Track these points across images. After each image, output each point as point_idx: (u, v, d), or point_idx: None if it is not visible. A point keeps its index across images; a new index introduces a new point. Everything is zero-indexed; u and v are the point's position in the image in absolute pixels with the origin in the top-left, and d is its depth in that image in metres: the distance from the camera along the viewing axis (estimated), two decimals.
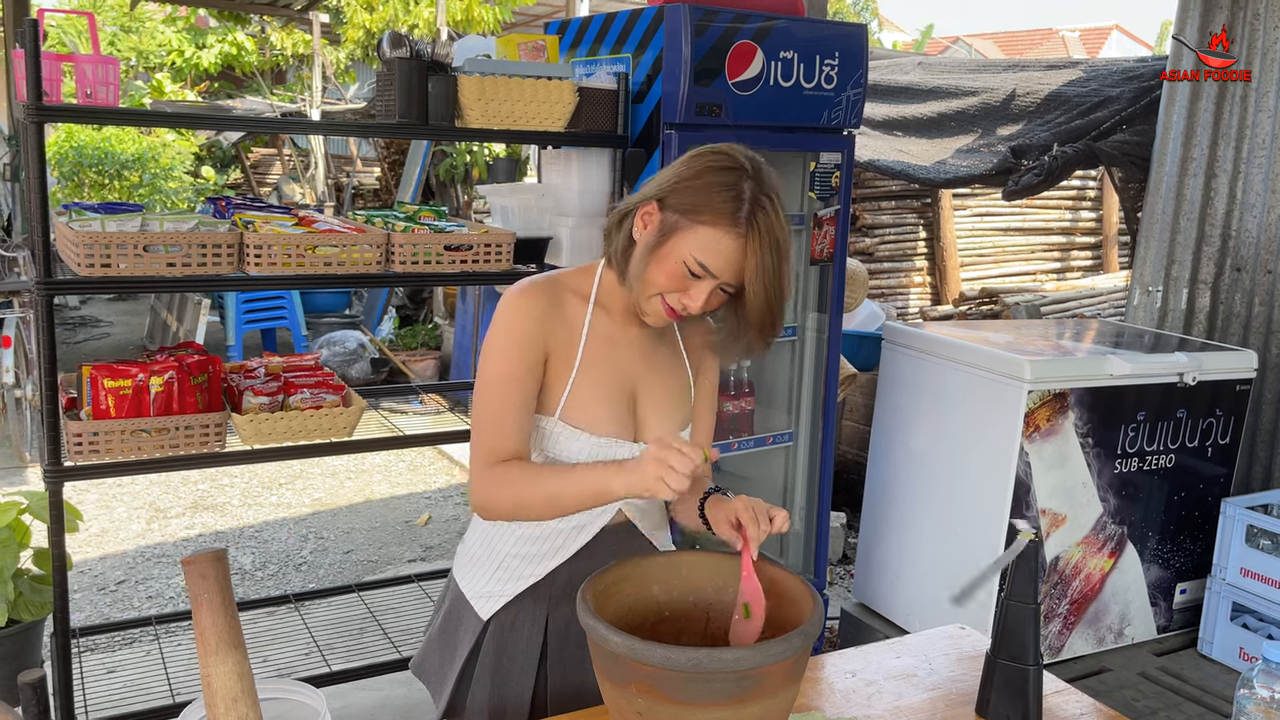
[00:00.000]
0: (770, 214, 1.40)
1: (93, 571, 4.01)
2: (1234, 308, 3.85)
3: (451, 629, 1.64)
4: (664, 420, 1.57)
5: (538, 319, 1.48)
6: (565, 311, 1.52)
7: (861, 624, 3.39)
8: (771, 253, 1.39)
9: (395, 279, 2.61)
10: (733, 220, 1.39)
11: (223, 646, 1.13)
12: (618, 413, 1.53)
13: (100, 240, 2.17)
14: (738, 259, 1.40)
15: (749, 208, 1.39)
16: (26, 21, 2.06)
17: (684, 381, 1.62)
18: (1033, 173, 4.20)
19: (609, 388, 1.53)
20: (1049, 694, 1.58)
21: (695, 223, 1.40)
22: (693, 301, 1.43)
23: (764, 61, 2.71)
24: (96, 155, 8.77)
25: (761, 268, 1.39)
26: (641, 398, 1.56)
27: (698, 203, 1.40)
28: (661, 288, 1.44)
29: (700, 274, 1.41)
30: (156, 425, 2.36)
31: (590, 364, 1.51)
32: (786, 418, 3.24)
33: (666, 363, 1.60)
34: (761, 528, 1.38)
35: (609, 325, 1.55)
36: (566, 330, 1.51)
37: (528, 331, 1.47)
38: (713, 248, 1.40)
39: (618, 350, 1.55)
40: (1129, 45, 23.72)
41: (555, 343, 1.49)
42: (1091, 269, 7.82)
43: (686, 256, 1.41)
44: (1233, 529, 3.11)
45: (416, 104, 2.48)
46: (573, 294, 1.54)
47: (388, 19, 10.63)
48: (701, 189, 1.41)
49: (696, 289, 1.43)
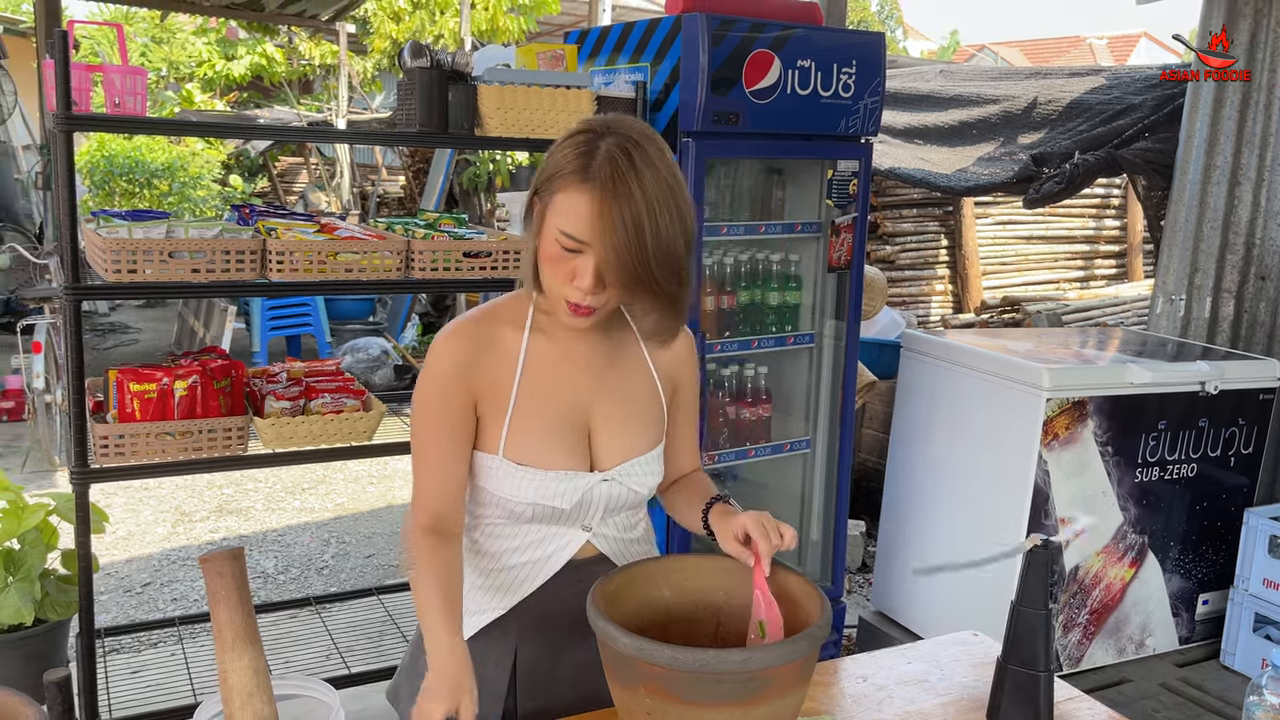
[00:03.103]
0: (622, 162, 1.26)
1: (119, 574, 4.07)
2: (1258, 316, 3.82)
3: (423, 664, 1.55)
4: (624, 443, 1.46)
5: (462, 363, 1.39)
6: (498, 346, 1.42)
7: (880, 632, 3.38)
8: (628, 206, 1.25)
9: (415, 285, 2.64)
10: (581, 174, 1.28)
11: (239, 643, 1.15)
12: (568, 444, 1.43)
13: (127, 246, 2.22)
14: (595, 215, 1.26)
15: (600, 160, 1.27)
16: (57, 33, 2.10)
17: (649, 398, 1.50)
18: (1054, 181, 4.18)
19: (554, 418, 1.43)
20: (1061, 701, 1.58)
21: (554, 193, 1.30)
22: (583, 281, 1.29)
23: (781, 70, 2.72)
24: (127, 164, 8.91)
25: (613, 217, 1.25)
26: (597, 422, 1.46)
27: (553, 172, 1.31)
28: (559, 284, 1.33)
29: (572, 245, 1.29)
30: (180, 428, 2.39)
31: (529, 395, 1.42)
32: (804, 425, 3.24)
33: (626, 380, 1.49)
34: (772, 542, 1.35)
35: (550, 350, 1.44)
36: (499, 366, 1.42)
37: (450, 378, 1.39)
38: (570, 211, 1.28)
39: (563, 376, 1.44)
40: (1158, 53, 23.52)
41: (485, 382, 1.41)
42: (1116, 277, 7.76)
43: (554, 232, 1.30)
44: (1255, 539, 3.08)
45: (437, 112, 2.51)
46: (508, 324, 1.44)
47: (414, 29, 10.73)
48: (556, 159, 1.32)
49: (580, 266, 1.30)
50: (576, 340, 1.45)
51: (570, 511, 1.44)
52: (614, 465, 1.46)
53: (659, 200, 1.27)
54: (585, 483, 1.43)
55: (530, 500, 1.41)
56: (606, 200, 1.26)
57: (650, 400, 1.50)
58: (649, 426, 1.50)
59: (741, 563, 1.40)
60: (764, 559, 1.36)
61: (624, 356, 1.49)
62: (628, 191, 1.26)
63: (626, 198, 1.25)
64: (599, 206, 1.26)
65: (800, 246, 3.14)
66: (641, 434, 1.48)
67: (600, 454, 1.46)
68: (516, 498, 1.42)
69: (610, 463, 1.45)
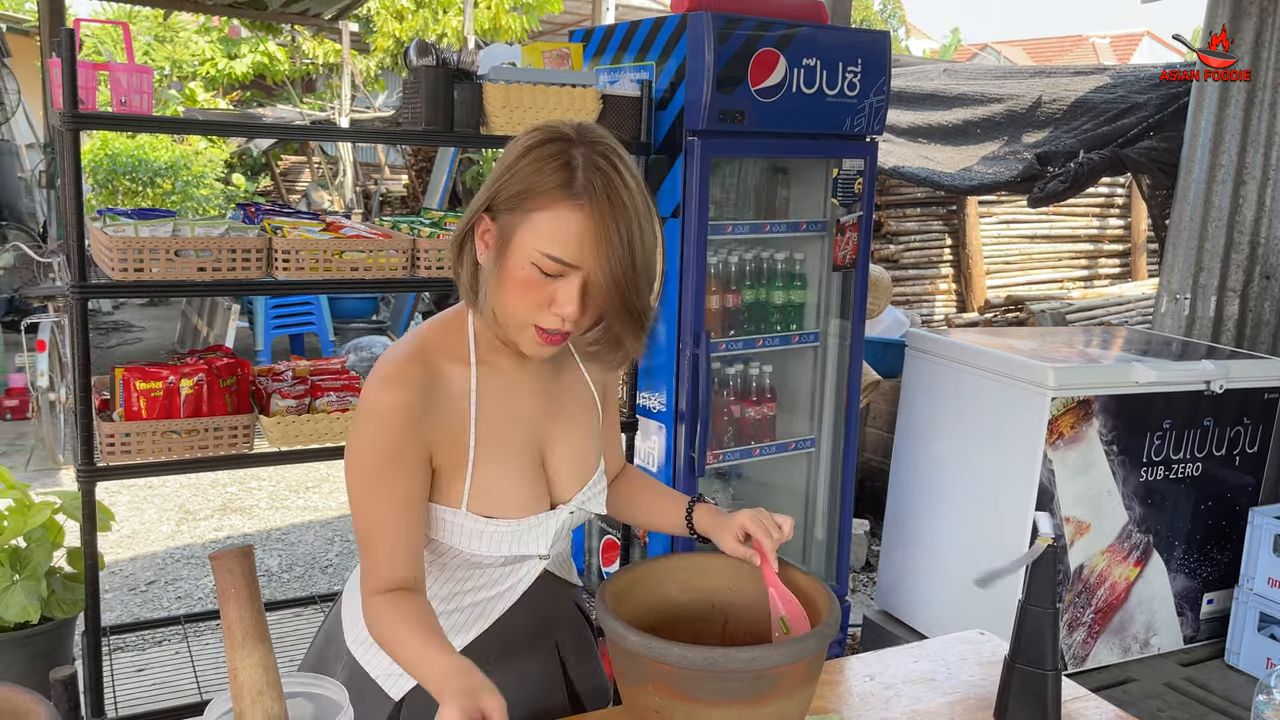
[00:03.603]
0: (612, 174, 1.17)
1: (124, 572, 4.07)
2: (1263, 315, 3.82)
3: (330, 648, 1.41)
4: (578, 471, 1.38)
5: (411, 414, 1.23)
6: (443, 388, 1.27)
7: (884, 631, 3.38)
8: (623, 222, 1.16)
9: (421, 284, 2.64)
10: (567, 192, 1.16)
11: (249, 640, 1.15)
12: (532, 485, 1.34)
13: (134, 245, 2.22)
14: (589, 234, 1.15)
15: (584, 174, 1.16)
16: (63, 31, 2.11)
17: (589, 411, 1.43)
18: (1058, 179, 4.18)
19: (516, 461, 1.32)
20: (1068, 700, 1.58)
21: (529, 211, 1.17)
22: (566, 308, 1.18)
23: (787, 69, 2.72)
24: (131, 163, 8.92)
25: (615, 238, 1.15)
26: (552, 454, 1.37)
27: (525, 188, 1.17)
28: (527, 311, 1.20)
29: (556, 270, 1.17)
30: (186, 426, 2.40)
31: (489, 441, 1.30)
32: (809, 424, 3.24)
33: (570, 396, 1.41)
34: (774, 536, 1.35)
35: (499, 381, 1.32)
36: (451, 413, 1.27)
37: (401, 432, 1.22)
38: (558, 232, 1.16)
39: (516, 410, 1.33)
40: (1161, 52, 23.49)
41: (441, 431, 1.26)
42: (1120, 276, 7.76)
43: (533, 255, 1.17)
44: (1260, 539, 3.08)
45: (442, 111, 2.51)
46: (449, 360, 1.29)
47: (417, 28, 10.74)
48: (525, 173, 1.18)
49: (563, 291, 1.18)
50: (522, 367, 1.33)
51: (537, 549, 1.35)
52: (573, 494, 1.38)
53: (642, 214, 1.19)
54: (555, 522, 1.35)
55: (502, 554, 1.31)
56: (603, 218, 1.15)
57: (591, 413, 1.43)
58: (594, 442, 1.42)
59: (749, 561, 1.40)
60: (769, 555, 1.36)
61: (564, 372, 1.40)
62: (622, 205, 1.16)
63: (621, 213, 1.16)
64: (595, 225, 1.15)
65: (805, 245, 3.14)
66: (590, 453, 1.41)
67: (558, 485, 1.37)
68: (486, 552, 1.30)
69: (569, 492, 1.38)
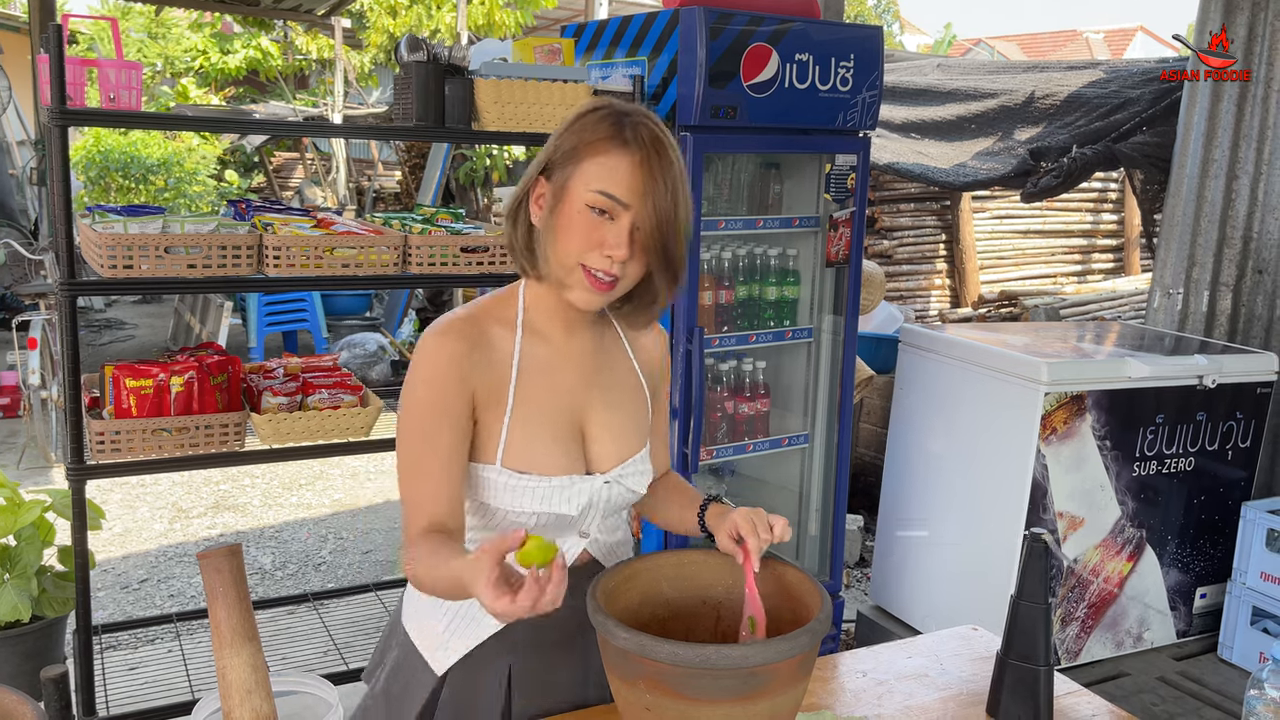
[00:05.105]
0: (657, 131, 1.31)
1: (116, 570, 4.06)
2: (1256, 310, 3.82)
3: (399, 687, 1.47)
4: (620, 444, 1.43)
5: (458, 363, 1.32)
6: (491, 347, 1.36)
7: (878, 626, 3.38)
8: (669, 172, 1.29)
9: (412, 280, 2.63)
10: (618, 140, 1.28)
11: (237, 639, 1.14)
12: (567, 448, 1.39)
13: (123, 242, 2.21)
14: (638, 177, 1.28)
15: (631, 129, 1.29)
16: (51, 27, 2.09)
17: (637, 398, 1.49)
18: (1052, 175, 4.18)
19: (551, 423, 1.38)
20: (1061, 695, 1.58)
21: (582, 160, 1.29)
22: (617, 250, 1.28)
23: (779, 64, 2.72)
24: (123, 160, 8.89)
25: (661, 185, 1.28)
26: (592, 424, 1.42)
27: (578, 143, 1.30)
28: (578, 251, 1.30)
29: (607, 206, 1.28)
30: (177, 424, 2.39)
31: (526, 401, 1.37)
32: (803, 420, 3.23)
33: (616, 380, 1.46)
34: (762, 537, 1.35)
35: (543, 350, 1.40)
36: (494, 368, 1.36)
37: (448, 379, 1.32)
38: (611, 172, 1.28)
39: (557, 377, 1.40)
40: (1154, 47, 23.51)
41: (483, 385, 1.34)
42: (1113, 272, 7.77)
43: (587, 195, 1.28)
44: (1253, 533, 3.09)
45: (433, 107, 2.50)
46: (497, 324, 1.38)
47: (410, 24, 10.71)
48: (577, 131, 1.31)
49: (613, 232, 1.28)
50: (569, 339, 1.42)
51: (574, 518, 1.39)
52: (611, 467, 1.42)
53: (681, 170, 1.32)
54: (590, 487, 1.39)
55: (535, 510, 1.36)
56: (651, 166, 1.28)
57: (638, 400, 1.49)
58: (639, 426, 1.47)
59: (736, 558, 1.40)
60: (753, 555, 1.35)
61: (612, 355, 1.47)
62: (668, 158, 1.29)
63: (667, 164, 1.29)
64: (643, 168, 1.28)
65: (798, 241, 3.14)
66: (634, 435, 1.46)
67: (596, 457, 1.42)
68: (519, 508, 1.36)
69: (607, 465, 1.42)
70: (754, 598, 1.35)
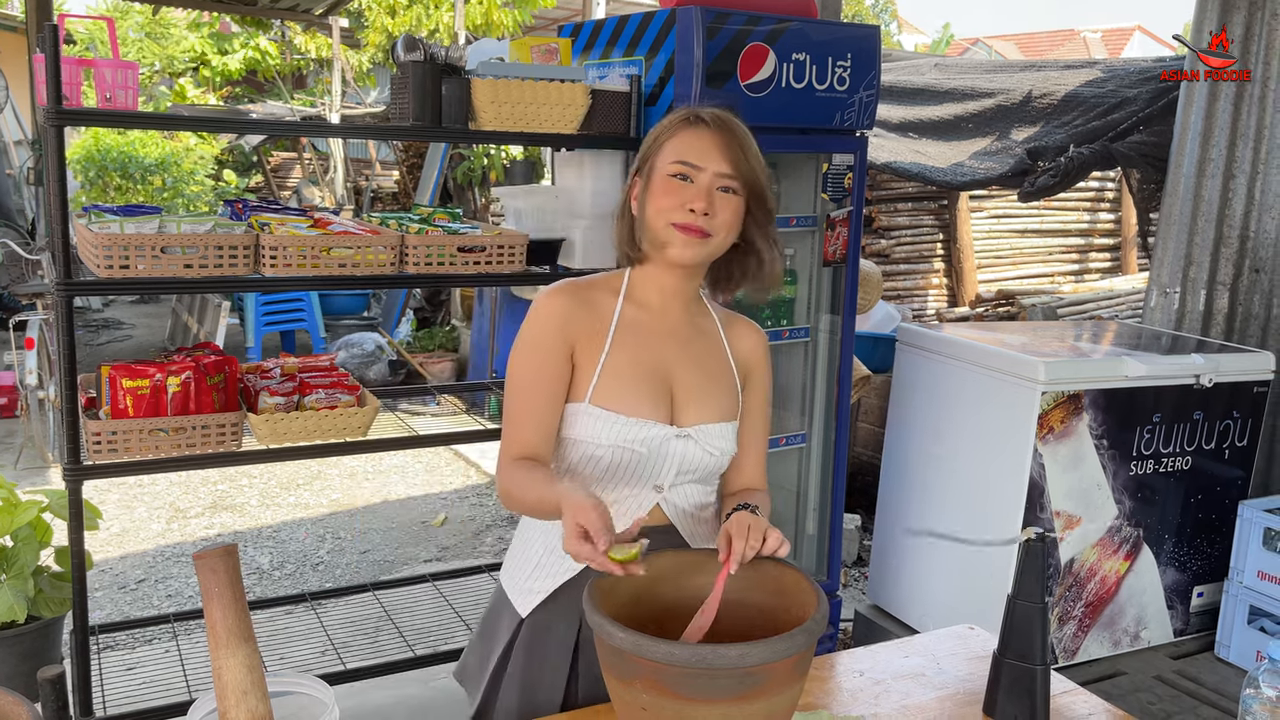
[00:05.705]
0: (729, 115, 1.54)
1: (113, 570, 4.06)
2: (1252, 309, 3.82)
3: (491, 627, 1.66)
4: (702, 407, 1.57)
5: (563, 316, 1.53)
6: (595, 306, 1.57)
7: (875, 626, 3.39)
8: (740, 135, 1.52)
9: (410, 280, 2.63)
10: (689, 121, 1.53)
11: (233, 640, 1.14)
12: (652, 394, 1.54)
13: (119, 242, 2.20)
14: (714, 145, 1.50)
15: (703, 114, 1.53)
16: (47, 26, 2.09)
17: (725, 376, 1.62)
18: (1049, 174, 4.18)
19: (641, 370, 1.54)
20: (1057, 694, 1.58)
21: (662, 146, 1.54)
22: (697, 201, 1.49)
23: (776, 63, 2.72)
24: (120, 159, 8.87)
25: (733, 144, 1.51)
26: (678, 384, 1.57)
27: (659, 134, 1.55)
28: (666, 210, 1.50)
29: (687, 171, 1.50)
30: (174, 425, 2.38)
31: (620, 348, 1.55)
32: (800, 419, 3.24)
33: (707, 355, 1.61)
34: (750, 543, 1.36)
35: (642, 316, 1.59)
36: (595, 321, 1.55)
37: (551, 330, 1.52)
38: (684, 144, 1.51)
39: (652, 341, 1.57)
40: (1152, 46, 23.51)
41: (582, 335, 1.54)
42: (1110, 271, 7.77)
43: (667, 168, 1.51)
44: (1250, 532, 3.09)
45: (430, 106, 2.50)
46: (603, 290, 1.60)
47: (408, 23, 10.70)
48: (658, 129, 1.57)
49: (692, 190, 1.50)
50: (666, 312, 1.59)
51: (647, 460, 1.52)
52: (692, 424, 1.55)
53: (750, 143, 1.54)
54: (663, 433, 1.53)
55: (610, 443, 1.51)
56: (720, 133, 1.51)
57: (727, 378, 1.62)
58: (725, 399, 1.60)
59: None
60: (733, 559, 1.36)
61: (707, 337, 1.63)
62: (739, 129, 1.53)
63: (734, 130, 1.52)
64: (715, 137, 1.51)
65: (795, 240, 3.14)
66: (718, 404, 1.59)
67: (680, 413, 1.56)
68: (597, 440, 1.51)
69: (689, 421, 1.55)
70: (713, 602, 1.36)
